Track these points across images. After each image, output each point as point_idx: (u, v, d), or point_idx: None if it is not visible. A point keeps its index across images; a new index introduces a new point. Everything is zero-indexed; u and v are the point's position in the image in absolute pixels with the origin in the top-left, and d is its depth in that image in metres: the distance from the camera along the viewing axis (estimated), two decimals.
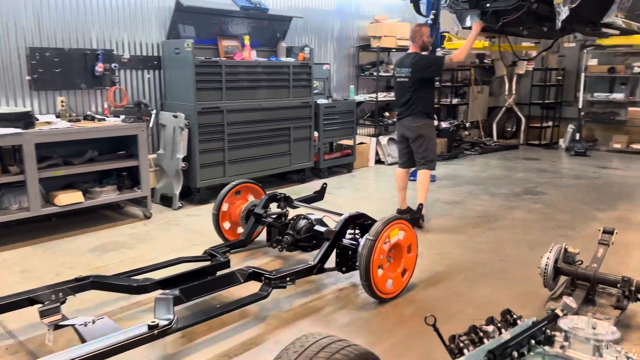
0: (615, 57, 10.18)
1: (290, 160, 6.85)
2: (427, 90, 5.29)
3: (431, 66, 5.15)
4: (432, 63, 5.19)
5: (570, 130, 10.33)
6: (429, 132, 5.29)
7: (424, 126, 5.23)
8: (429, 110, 5.32)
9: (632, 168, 8.36)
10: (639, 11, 5.52)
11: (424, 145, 5.26)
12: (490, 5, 4.89)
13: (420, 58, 5.18)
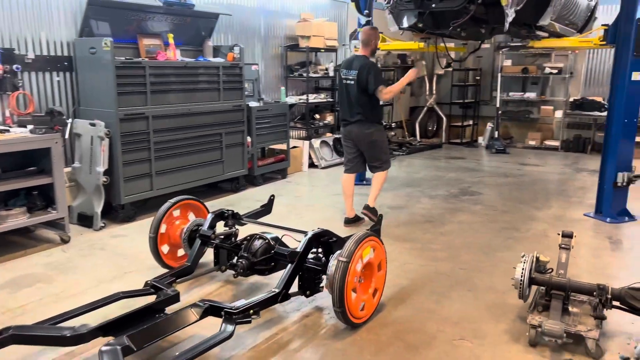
0: (526, 58, 10.71)
1: (223, 169, 6.37)
2: (375, 99, 5.14)
3: (369, 84, 4.97)
4: (371, 83, 4.96)
5: (489, 128, 10.73)
6: (381, 137, 5.20)
7: (376, 132, 5.12)
8: (378, 115, 5.23)
9: (549, 164, 8.79)
10: (568, 15, 5.69)
11: (377, 151, 5.18)
12: (436, 5, 4.76)
13: (368, 68, 4.97)
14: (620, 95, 5.26)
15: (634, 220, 5.45)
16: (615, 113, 5.33)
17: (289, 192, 6.71)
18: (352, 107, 5.10)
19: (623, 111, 5.26)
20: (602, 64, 10.04)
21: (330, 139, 8.53)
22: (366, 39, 5.14)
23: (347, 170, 5.37)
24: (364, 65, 5.03)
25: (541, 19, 5.02)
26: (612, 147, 5.39)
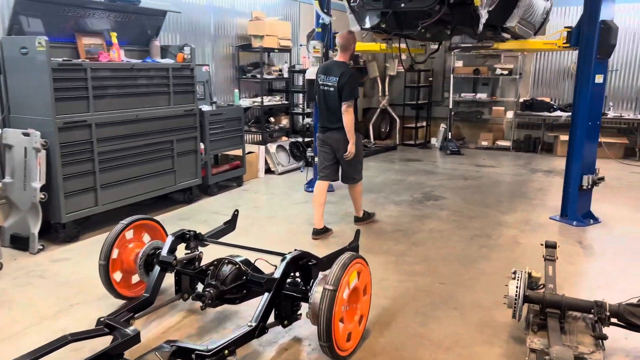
0: (477, 59, 10.79)
1: (175, 179, 5.88)
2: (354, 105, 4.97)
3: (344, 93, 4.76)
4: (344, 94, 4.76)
5: (442, 129, 10.73)
6: (359, 145, 5.04)
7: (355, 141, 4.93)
8: (357, 122, 5.01)
9: (504, 165, 8.84)
10: (528, 17, 5.62)
11: (355, 160, 5.01)
12: (405, 5, 4.53)
13: (347, 78, 4.76)
14: (584, 98, 5.24)
15: (599, 223, 5.46)
16: (580, 116, 5.31)
17: (247, 202, 6.30)
18: (332, 114, 4.90)
19: (587, 114, 5.25)
20: (549, 64, 10.26)
21: (286, 144, 8.18)
22: (344, 44, 4.93)
23: (321, 178, 5.12)
24: (344, 73, 4.80)
25: (508, 20, 4.91)
26: (577, 150, 5.37)
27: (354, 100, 4.82)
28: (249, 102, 7.72)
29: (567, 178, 5.55)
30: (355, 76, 4.95)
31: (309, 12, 9.02)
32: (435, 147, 10.70)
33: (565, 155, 9.61)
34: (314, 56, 6.30)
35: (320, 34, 6.38)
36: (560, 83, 10.22)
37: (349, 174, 5.13)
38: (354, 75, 4.93)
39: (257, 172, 7.58)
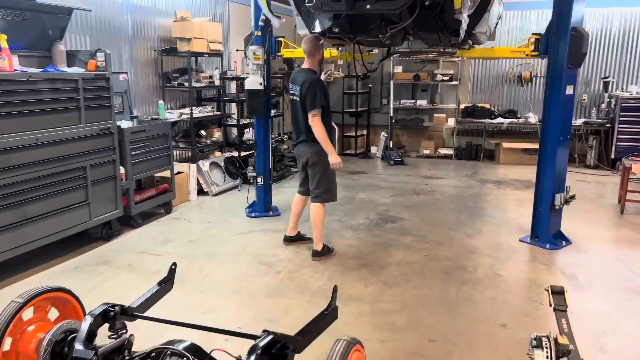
0: (415, 64, 10.42)
1: (90, 212, 4.83)
2: (322, 115, 4.44)
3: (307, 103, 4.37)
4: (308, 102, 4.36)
5: (383, 138, 10.25)
6: (324, 160, 4.51)
7: (317, 154, 4.51)
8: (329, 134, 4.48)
9: (451, 175, 8.47)
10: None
11: (317, 174, 4.57)
12: (371, 7, 3.84)
13: (309, 84, 4.37)
14: (556, 110, 4.84)
15: (570, 244, 5.09)
16: (551, 130, 4.90)
17: (179, 234, 5.35)
18: (298, 124, 4.62)
19: (559, 128, 4.85)
20: (487, 70, 10.09)
21: (220, 159, 7.26)
22: (309, 50, 4.53)
23: (299, 192, 4.94)
24: (306, 80, 4.42)
25: (478, 25, 4.37)
26: (548, 167, 4.96)
27: (320, 108, 4.35)
28: (177, 115, 6.74)
29: (537, 197, 5.13)
30: (318, 83, 4.41)
31: (240, 12, 8.16)
32: (377, 156, 10.19)
33: (508, 163, 9.74)
34: (254, 63, 5.48)
35: (260, 38, 5.57)
36: (498, 89, 10.07)
37: (310, 188, 4.68)
38: (317, 83, 4.40)
39: (188, 195, 6.61)
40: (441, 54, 9.15)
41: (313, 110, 4.32)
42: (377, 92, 10.73)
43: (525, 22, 9.65)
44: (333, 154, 4.41)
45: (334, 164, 4.42)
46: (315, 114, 4.32)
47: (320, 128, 4.33)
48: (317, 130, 4.34)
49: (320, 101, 4.34)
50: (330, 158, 4.41)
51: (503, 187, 7.61)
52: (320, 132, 4.34)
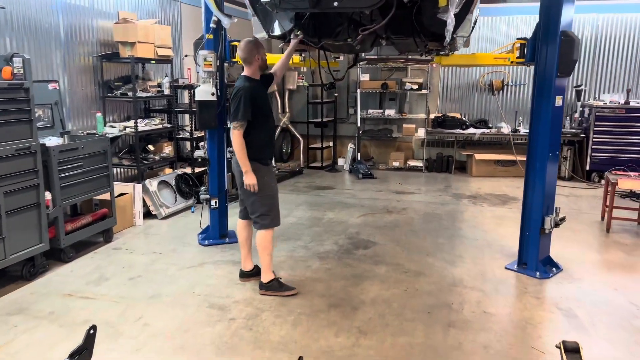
0: (382, 72, 9.91)
1: (5, 249, 4.02)
2: (254, 127, 3.90)
3: (230, 109, 3.91)
4: (231, 113, 3.89)
5: (351, 149, 9.69)
6: (264, 181, 3.95)
7: (259, 174, 3.95)
8: (254, 149, 3.93)
9: (423, 190, 7.95)
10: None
11: (252, 196, 3.97)
12: (339, 4, 3.22)
13: (234, 93, 3.89)
14: (544, 124, 4.33)
15: (561, 271, 4.59)
16: (539, 146, 4.39)
17: (118, 269, 4.58)
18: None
19: (548, 143, 4.35)
20: (457, 79, 9.67)
21: (171, 177, 6.50)
22: (245, 56, 3.98)
23: (239, 216, 4.30)
24: (234, 89, 3.94)
25: (459, 27, 3.81)
26: (537, 187, 4.44)
27: (242, 121, 3.81)
28: (120, 128, 5.96)
29: (525, 220, 4.61)
30: (246, 92, 3.83)
31: (193, 15, 7.45)
32: (344, 169, 9.60)
33: (481, 176, 9.27)
34: (205, 70, 4.79)
35: (212, 42, 4.89)
36: (469, 98, 9.66)
37: (249, 212, 4.11)
38: (245, 92, 3.83)
39: (132, 219, 5.83)
40: (415, 62, 8.70)
41: (233, 122, 3.82)
42: (343, 101, 10.17)
43: (495, 29, 9.28)
44: (248, 173, 3.86)
45: (248, 185, 3.87)
46: (235, 127, 3.81)
47: (238, 143, 3.82)
48: (234, 143, 3.84)
49: (244, 114, 3.79)
50: (245, 178, 3.87)
51: (479, 202, 7.12)
52: (237, 147, 3.84)
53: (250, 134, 3.86)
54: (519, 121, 9.18)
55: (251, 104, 3.81)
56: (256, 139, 3.90)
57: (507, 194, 7.66)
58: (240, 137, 3.81)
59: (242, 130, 3.81)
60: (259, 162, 3.94)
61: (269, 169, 4.06)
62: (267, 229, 4.00)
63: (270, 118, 4.10)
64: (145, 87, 6.35)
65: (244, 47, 3.94)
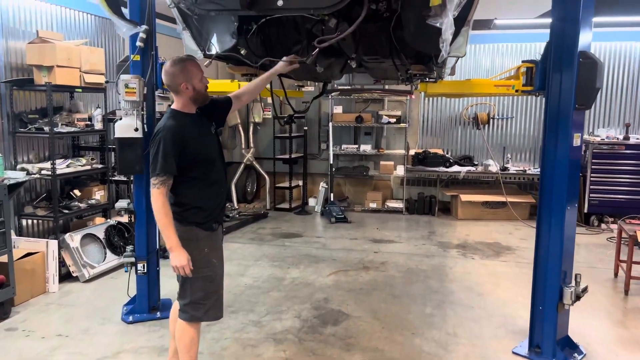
0: (357, 104, 9.02)
1: None
2: (191, 180, 2.83)
3: (150, 155, 2.78)
4: (150, 164, 2.77)
5: (323, 189, 8.67)
6: (191, 250, 2.77)
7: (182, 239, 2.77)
8: (195, 213, 2.85)
9: (404, 237, 6.94)
10: None
11: (181, 277, 2.83)
12: (284, 4, 2.25)
13: (153, 137, 2.80)
14: (561, 169, 3.38)
15: (584, 356, 3.58)
16: (555, 197, 3.43)
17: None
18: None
19: (566, 193, 3.39)
20: (438, 111, 8.81)
21: (100, 229, 5.35)
22: (169, 83, 2.87)
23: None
24: (155, 129, 2.86)
25: (454, 42, 2.85)
26: (553, 249, 3.46)
27: (165, 176, 2.70)
28: (34, 171, 4.83)
29: (536, 291, 3.60)
30: (166, 135, 2.73)
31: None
32: (316, 211, 8.56)
33: (467, 219, 8.26)
34: (127, 100, 3.75)
35: (139, 65, 3.87)
36: (451, 132, 8.79)
37: (178, 296, 2.95)
38: (168, 133, 2.73)
39: (44, 285, 4.65)
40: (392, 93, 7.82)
41: (153, 177, 2.70)
42: (314, 135, 9.21)
43: (478, 58, 8.50)
44: (175, 251, 2.70)
45: (175, 266, 2.71)
46: (154, 184, 2.68)
47: (158, 206, 2.68)
48: (154, 207, 2.69)
49: (165, 166, 2.68)
50: (171, 257, 2.72)
51: (469, 254, 6.13)
52: (157, 212, 2.69)
53: (186, 189, 2.80)
54: (507, 158, 8.32)
55: (180, 150, 2.72)
56: (196, 196, 2.82)
57: (499, 241, 6.71)
58: (161, 199, 2.67)
59: (164, 189, 2.69)
60: (200, 228, 2.84)
61: (214, 237, 2.93)
62: (194, 323, 2.89)
63: (217, 164, 2.95)
64: (72, 121, 5.27)
65: (167, 70, 2.84)
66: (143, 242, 4.10)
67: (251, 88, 3.37)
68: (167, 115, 2.88)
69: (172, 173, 2.72)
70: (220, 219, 3.04)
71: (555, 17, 3.34)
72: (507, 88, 3.53)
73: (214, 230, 2.93)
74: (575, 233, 3.58)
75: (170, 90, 2.93)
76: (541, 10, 7.01)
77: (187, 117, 2.89)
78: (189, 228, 2.83)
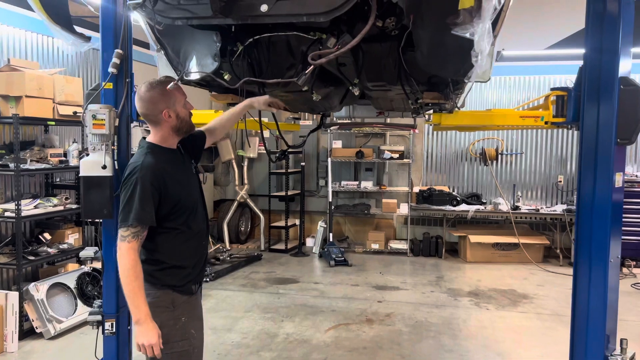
0: (357, 139, 8.58)
1: None
2: (167, 231, 2.28)
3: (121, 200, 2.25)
4: (119, 212, 2.23)
5: (321, 228, 8.13)
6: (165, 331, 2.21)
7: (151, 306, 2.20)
8: (170, 273, 2.31)
9: (409, 283, 6.35)
10: None
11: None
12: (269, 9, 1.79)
13: (124, 179, 2.29)
14: (601, 215, 2.87)
15: None
16: (595, 247, 2.89)
17: None
18: None
19: (608, 242, 2.87)
20: (442, 146, 8.36)
21: (72, 277, 4.77)
22: (149, 112, 2.34)
23: None
24: (126, 168, 2.35)
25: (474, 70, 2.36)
26: (595, 309, 2.91)
27: (136, 226, 2.15)
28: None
29: (575, 358, 3.03)
30: (142, 177, 2.20)
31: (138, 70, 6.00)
32: (314, 252, 7.99)
33: (477, 262, 7.64)
34: (94, 133, 3.25)
35: (111, 93, 3.39)
36: (457, 168, 8.31)
37: None
38: (141, 175, 2.20)
39: (2, 344, 4.05)
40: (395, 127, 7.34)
41: (121, 227, 2.16)
42: (312, 171, 8.73)
43: (483, 92, 8.10)
44: (145, 324, 2.12)
45: (142, 345, 2.13)
46: (124, 237, 2.13)
47: (129, 264, 2.11)
48: (121, 266, 2.13)
49: (140, 215, 2.14)
50: (138, 332, 2.14)
51: (483, 303, 5.54)
52: (125, 271, 2.12)
53: (162, 243, 2.27)
54: (517, 196, 7.81)
55: (160, 195, 2.21)
56: (174, 252, 2.28)
57: (514, 288, 6.12)
58: (132, 256, 2.12)
59: (135, 243, 2.14)
60: (176, 291, 2.30)
61: (193, 302, 2.39)
62: None
63: (199, 211, 2.42)
64: (44, 156, 4.78)
65: (143, 96, 2.35)
66: (112, 296, 3.50)
67: (222, 121, 2.89)
68: (144, 150, 2.35)
69: (149, 223, 2.19)
70: (201, 279, 2.50)
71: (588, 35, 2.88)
72: (535, 120, 3.04)
73: (193, 293, 2.39)
74: (618, 293, 3.04)
75: (147, 120, 2.41)
76: (552, 41, 6.65)
77: (168, 153, 2.37)
78: (163, 292, 2.29)
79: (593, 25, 2.86)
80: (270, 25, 2.66)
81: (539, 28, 5.97)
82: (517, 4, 2.56)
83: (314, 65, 1.95)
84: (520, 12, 5.02)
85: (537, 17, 5.52)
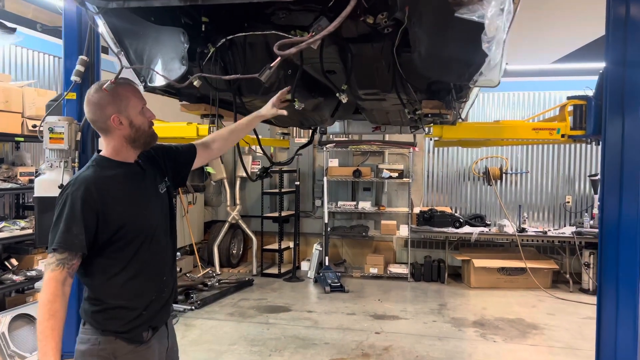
0: (354, 157, 8.23)
1: None
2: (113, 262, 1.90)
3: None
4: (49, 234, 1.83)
5: (317, 251, 7.71)
6: None
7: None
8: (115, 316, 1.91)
9: (410, 311, 5.92)
10: None
11: None
12: None
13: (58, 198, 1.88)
14: (629, 236, 2.48)
15: None
16: (622, 275, 2.51)
17: None
18: None
19: (637, 271, 2.48)
20: (444, 165, 7.99)
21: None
22: (97, 117, 1.94)
23: None
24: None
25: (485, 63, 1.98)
26: (622, 352, 2.50)
27: (62, 252, 1.77)
28: None
29: None
30: (73, 194, 1.83)
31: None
32: (309, 277, 7.56)
33: (482, 287, 7.09)
34: (51, 148, 2.90)
35: (74, 105, 3.06)
36: (460, 188, 7.94)
37: None
38: (73, 192, 1.83)
39: None
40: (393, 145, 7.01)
41: (50, 253, 1.78)
42: (307, 191, 8.35)
43: (482, 109, 7.78)
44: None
45: None
46: (50, 263, 1.77)
47: (46, 297, 1.76)
48: (39, 299, 1.79)
49: (66, 239, 1.77)
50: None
51: (489, 334, 5.11)
52: (41, 305, 1.76)
53: (103, 277, 1.89)
54: (523, 217, 7.42)
55: (94, 217, 1.81)
56: (118, 288, 1.89)
57: (522, 317, 5.69)
58: (52, 288, 1.74)
59: (61, 273, 1.76)
60: (120, 339, 1.89)
61: (142, 354, 1.94)
62: None
63: (158, 238, 2.00)
64: (13, 175, 4.41)
65: (91, 98, 1.94)
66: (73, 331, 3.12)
67: (224, 134, 2.41)
68: (89, 163, 1.98)
69: (78, 250, 1.79)
70: (160, 323, 2.06)
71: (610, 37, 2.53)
72: (551, 132, 2.68)
73: (142, 342, 1.95)
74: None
75: (96, 128, 2.01)
76: (559, 55, 6.34)
77: (119, 167, 1.96)
78: (105, 339, 1.88)
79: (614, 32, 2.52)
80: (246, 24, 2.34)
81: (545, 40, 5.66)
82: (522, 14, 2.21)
83: (281, 56, 1.58)
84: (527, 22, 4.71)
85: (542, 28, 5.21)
